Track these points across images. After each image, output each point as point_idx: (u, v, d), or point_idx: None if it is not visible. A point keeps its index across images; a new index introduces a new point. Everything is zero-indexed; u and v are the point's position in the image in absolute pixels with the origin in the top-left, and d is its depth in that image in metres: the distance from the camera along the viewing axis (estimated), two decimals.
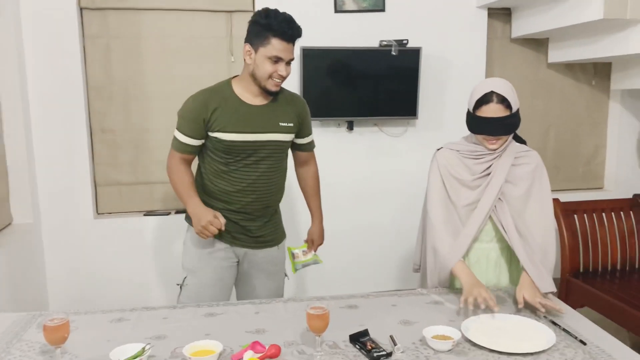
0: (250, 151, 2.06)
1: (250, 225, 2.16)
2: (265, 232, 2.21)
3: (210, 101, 2.02)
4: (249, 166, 2.08)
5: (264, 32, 1.94)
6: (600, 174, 4.12)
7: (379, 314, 1.82)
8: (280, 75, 1.99)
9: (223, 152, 2.05)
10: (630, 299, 2.82)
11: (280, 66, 1.97)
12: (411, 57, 3.47)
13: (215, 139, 2.03)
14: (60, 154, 3.28)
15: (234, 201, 2.11)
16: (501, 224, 1.94)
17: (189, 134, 2.04)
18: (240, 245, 2.18)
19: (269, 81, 1.99)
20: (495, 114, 1.84)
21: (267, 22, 1.93)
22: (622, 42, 3.07)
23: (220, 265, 2.16)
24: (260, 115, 2.06)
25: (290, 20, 1.96)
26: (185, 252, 2.22)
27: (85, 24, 3.29)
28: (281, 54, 1.95)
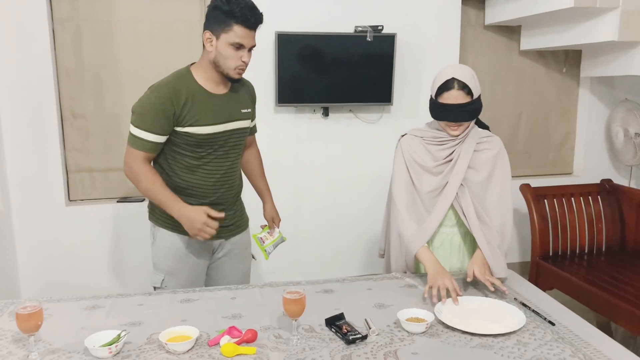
0: (221, 142, 2.02)
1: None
2: (235, 219, 2.20)
3: (178, 94, 1.92)
4: (220, 157, 2.04)
5: (226, 18, 1.88)
6: (570, 160, 4.21)
7: (354, 298, 1.84)
8: (244, 62, 1.94)
9: (195, 146, 1.97)
10: (596, 281, 2.91)
11: (243, 53, 1.92)
12: (386, 43, 3.48)
13: (185, 133, 1.94)
14: (30, 140, 3.22)
15: (207, 194, 2.05)
16: (462, 209, 1.98)
17: (156, 130, 1.91)
18: (215, 238, 2.09)
19: (233, 71, 1.95)
20: (457, 100, 1.87)
21: (229, 8, 1.87)
22: (592, 30, 3.13)
23: (197, 263, 2.12)
24: (225, 104, 2.02)
25: (252, 6, 1.91)
26: (157, 252, 2.12)
27: (55, 7, 3.21)
28: (243, 40, 1.90)
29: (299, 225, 3.69)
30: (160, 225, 2.09)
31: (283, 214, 2.48)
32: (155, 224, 2.11)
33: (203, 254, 2.14)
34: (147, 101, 1.92)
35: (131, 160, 1.94)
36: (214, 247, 2.17)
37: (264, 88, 3.44)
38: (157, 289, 2.10)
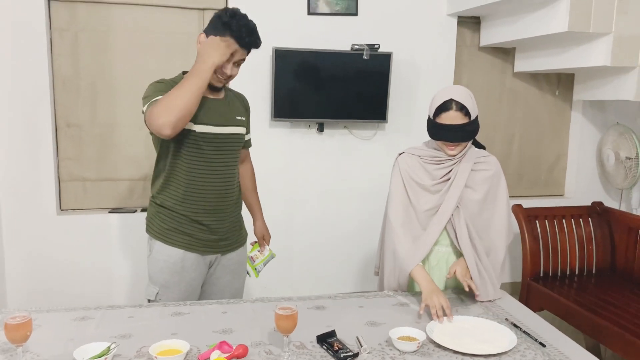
0: (218, 144, 2.01)
1: (218, 227, 2.10)
2: (232, 233, 2.19)
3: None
4: (219, 162, 2.04)
5: (222, 28, 1.89)
6: (561, 182, 4.24)
7: (346, 315, 1.84)
8: (224, 73, 1.94)
9: (194, 146, 1.96)
10: (586, 303, 2.92)
11: (227, 64, 1.93)
12: (382, 61, 3.51)
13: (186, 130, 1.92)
14: (23, 148, 3.20)
15: (209, 199, 2.04)
16: (454, 229, 1.99)
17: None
18: (211, 252, 2.12)
19: (214, 76, 1.92)
20: (454, 121, 1.89)
21: (228, 21, 1.89)
22: (585, 54, 3.18)
23: (192, 277, 2.09)
24: (220, 108, 2.04)
25: (252, 29, 1.93)
26: (152, 264, 2.10)
27: (53, 15, 3.22)
28: (233, 56, 1.92)
29: (291, 241, 3.68)
30: (157, 238, 2.07)
31: (275, 229, 2.48)
32: (152, 236, 2.09)
33: (199, 268, 2.11)
34: (156, 83, 1.94)
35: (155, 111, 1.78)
36: (210, 262, 2.15)
37: (260, 102, 3.45)
38: (151, 301, 2.08)
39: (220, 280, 2.20)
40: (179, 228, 2.04)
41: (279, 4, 3.44)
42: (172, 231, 2.05)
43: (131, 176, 3.44)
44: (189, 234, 2.05)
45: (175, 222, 2.04)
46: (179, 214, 2.03)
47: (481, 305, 1.96)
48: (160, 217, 2.07)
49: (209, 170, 2.02)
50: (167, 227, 2.05)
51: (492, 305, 1.96)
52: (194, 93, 1.81)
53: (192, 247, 2.06)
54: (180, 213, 2.03)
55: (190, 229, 2.04)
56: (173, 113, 1.76)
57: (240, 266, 2.27)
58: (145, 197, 3.49)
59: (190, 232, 2.05)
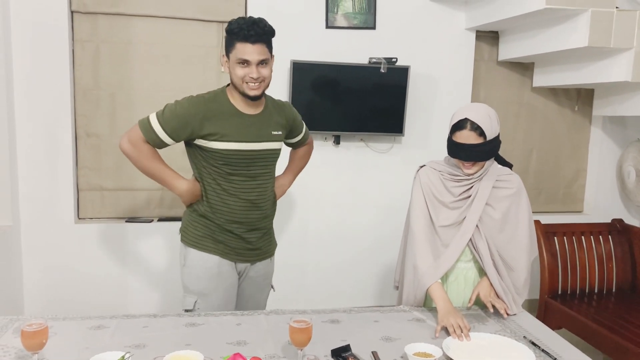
0: (248, 161, 2.04)
1: (251, 237, 2.12)
2: (263, 243, 2.20)
3: (207, 111, 1.99)
4: (249, 178, 2.06)
5: (230, 38, 1.96)
6: (580, 198, 4.18)
7: (361, 329, 1.82)
8: (252, 78, 1.94)
9: (223, 163, 2.01)
10: (606, 322, 2.86)
11: (250, 69, 1.94)
12: (399, 75, 3.51)
13: (212, 149, 1.99)
14: (44, 157, 3.24)
15: (237, 215, 2.07)
16: (475, 247, 1.97)
17: (169, 130, 1.98)
18: (242, 261, 2.14)
19: (244, 85, 1.96)
20: (468, 140, 1.88)
21: (230, 27, 1.94)
22: (606, 69, 3.15)
23: (229, 284, 2.11)
24: (254, 124, 2.05)
25: (254, 21, 1.92)
26: (188, 274, 2.12)
27: (76, 27, 3.27)
28: (247, 56, 1.93)
29: (306, 253, 3.67)
30: (191, 245, 2.10)
31: (291, 241, 2.48)
32: (186, 244, 2.12)
33: (233, 275, 2.13)
34: (178, 104, 2.01)
35: (135, 138, 2.00)
36: (240, 271, 2.16)
37: None
38: (189, 311, 2.07)
39: (244, 291, 2.21)
40: (212, 235, 2.09)
41: (297, 18, 3.46)
42: (207, 238, 2.09)
43: (148, 186, 3.47)
44: (222, 241, 2.09)
45: (209, 229, 2.09)
46: (212, 222, 2.08)
47: (499, 322, 1.92)
48: (194, 225, 2.11)
49: (239, 183, 2.05)
50: (201, 234, 2.09)
51: (510, 322, 1.93)
52: (150, 176, 2.07)
53: (226, 255, 2.09)
54: (213, 222, 2.08)
55: (223, 237, 2.09)
56: (129, 157, 2.03)
57: (265, 279, 2.27)
58: (161, 207, 3.51)
59: (223, 239, 2.09)
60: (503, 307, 1.92)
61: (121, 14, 3.30)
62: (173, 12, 3.35)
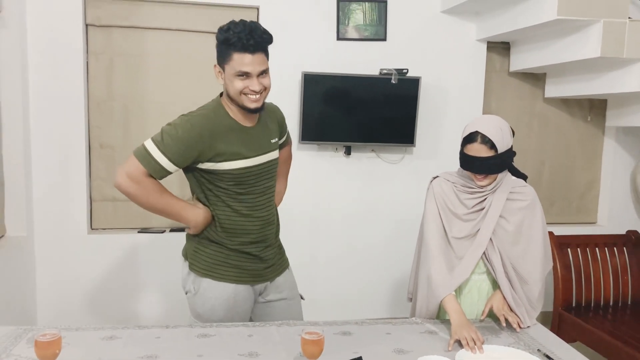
0: (256, 176, 1.93)
1: (267, 254, 2.03)
2: (277, 259, 2.11)
3: (212, 131, 1.82)
4: (258, 194, 1.96)
5: (225, 48, 1.78)
6: (594, 209, 4.14)
7: (373, 341, 1.81)
8: (253, 91, 1.80)
9: (234, 184, 1.88)
10: (622, 335, 2.82)
11: (251, 81, 1.79)
12: (410, 86, 3.51)
13: (224, 171, 1.85)
14: (57, 168, 3.28)
15: (252, 233, 1.96)
16: (488, 259, 1.96)
17: (173, 157, 1.78)
18: (260, 281, 2.03)
19: (243, 97, 1.81)
20: (479, 153, 1.87)
21: (225, 36, 1.76)
22: (619, 80, 3.13)
23: (244, 310, 2.01)
24: (255, 136, 1.93)
25: (251, 28, 1.75)
26: (201, 304, 1.97)
27: (90, 40, 3.32)
28: (246, 67, 1.77)
29: (317, 263, 3.66)
30: (204, 275, 1.96)
31: (301, 251, 2.46)
32: (198, 274, 1.97)
33: (250, 299, 2.02)
34: (178, 127, 1.80)
35: (135, 172, 1.77)
36: (259, 291, 2.06)
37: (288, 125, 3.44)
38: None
39: (275, 309, 2.10)
40: (226, 261, 1.96)
41: (308, 30, 3.49)
42: (220, 265, 1.96)
43: None
44: (237, 265, 1.97)
45: (222, 255, 1.96)
46: (225, 247, 1.95)
47: (512, 334, 1.90)
48: (205, 253, 1.97)
49: (250, 201, 1.94)
50: (214, 261, 1.96)
51: (524, 335, 1.91)
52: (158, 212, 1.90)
53: (242, 279, 1.98)
54: (227, 247, 1.95)
55: (237, 261, 1.97)
56: (132, 197, 1.82)
57: (291, 290, 2.16)
58: None
59: (239, 263, 1.97)
60: (516, 320, 1.90)
61: (135, 27, 3.34)
62: (185, 25, 3.39)
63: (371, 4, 3.53)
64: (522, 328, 1.92)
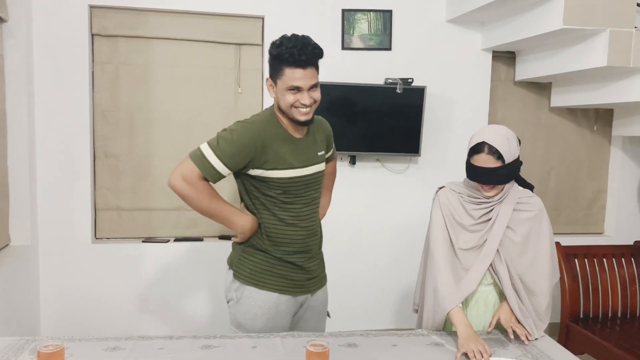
0: (304, 186, 1.97)
1: (311, 265, 2.06)
2: (319, 269, 2.12)
3: (264, 138, 1.87)
4: (305, 204, 2.00)
5: (277, 63, 1.85)
6: (601, 219, 4.11)
7: (379, 353, 1.79)
8: (304, 104, 1.85)
9: (282, 193, 1.92)
10: (631, 347, 2.78)
11: (302, 95, 1.84)
12: (416, 95, 3.51)
13: (270, 178, 1.89)
14: (62, 177, 3.28)
15: (297, 243, 1.99)
16: (495, 270, 1.94)
17: (227, 161, 1.84)
18: (303, 293, 2.05)
19: (294, 110, 1.87)
20: (486, 164, 1.85)
21: (277, 51, 1.83)
22: (625, 89, 3.11)
23: (285, 321, 2.02)
24: (304, 147, 1.98)
25: (303, 43, 1.82)
26: (243, 312, 1.98)
27: (96, 50, 3.33)
28: (298, 82, 1.83)
29: None
30: (249, 283, 1.98)
31: None
32: (243, 282, 1.99)
33: (291, 311, 2.04)
34: (234, 132, 1.86)
35: (190, 175, 1.84)
36: (301, 303, 2.07)
37: None
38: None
39: (307, 323, 2.12)
40: (271, 270, 1.98)
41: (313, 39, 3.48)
42: (265, 274, 1.98)
43: (165, 206, 3.48)
44: (283, 275, 1.98)
45: (268, 263, 1.98)
46: (271, 255, 1.98)
47: (520, 347, 1.88)
48: (250, 261, 1.99)
49: (295, 210, 1.97)
50: (258, 269, 1.98)
51: (531, 347, 1.88)
52: (208, 215, 1.94)
53: (285, 290, 1.99)
54: (272, 255, 1.97)
55: (283, 271, 1.98)
56: (185, 198, 1.88)
57: (324, 307, 2.19)
58: (178, 227, 3.52)
59: (283, 273, 1.99)
60: (524, 332, 1.88)
61: (140, 37, 3.35)
62: (191, 35, 3.40)
63: (376, 14, 3.54)
64: (530, 340, 1.89)
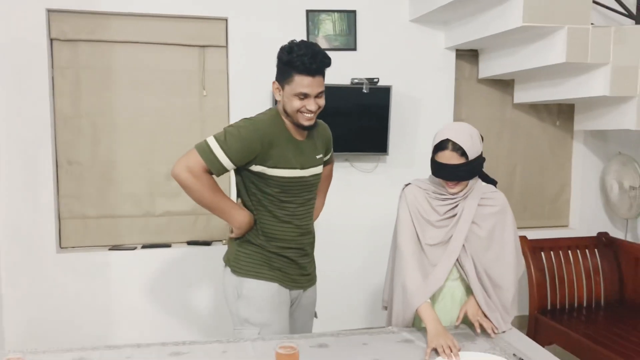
0: (300, 187, 2.02)
1: (304, 262, 2.11)
2: (312, 268, 2.19)
3: (270, 136, 1.92)
4: (301, 204, 2.05)
5: (287, 69, 1.89)
6: (566, 212, 4.20)
7: (350, 353, 1.79)
8: (310, 110, 1.91)
9: (280, 191, 1.98)
10: (596, 336, 2.85)
11: (308, 101, 1.90)
12: (382, 95, 3.53)
13: (271, 176, 1.95)
14: (24, 186, 3.19)
15: (293, 242, 2.05)
16: (461, 265, 1.96)
17: (233, 156, 1.89)
18: (297, 287, 2.11)
19: (299, 115, 1.93)
20: (450, 160, 1.88)
21: (288, 58, 1.87)
22: (584, 84, 3.19)
23: (286, 312, 2.07)
24: (305, 150, 2.03)
25: (314, 52, 1.87)
26: (246, 306, 2.02)
27: (55, 54, 3.25)
28: (306, 89, 1.88)
29: None
30: (248, 275, 2.02)
31: None
32: (242, 275, 2.03)
33: (289, 304, 2.09)
34: (241, 128, 1.91)
35: (195, 167, 1.87)
36: (292, 299, 2.12)
37: None
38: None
39: (297, 320, 2.17)
40: (269, 263, 2.03)
41: (278, 42, 3.42)
42: (263, 266, 2.03)
43: (131, 213, 3.43)
44: (279, 268, 2.04)
45: (264, 257, 2.03)
46: (267, 250, 2.03)
47: (488, 340, 1.90)
48: (248, 255, 2.04)
49: (291, 209, 2.02)
50: (257, 262, 2.03)
51: (499, 340, 1.91)
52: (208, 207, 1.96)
53: (283, 282, 2.05)
54: (268, 250, 2.03)
55: (279, 264, 2.04)
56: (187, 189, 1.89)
57: (313, 306, 2.25)
58: (145, 234, 3.46)
59: (279, 266, 2.04)
60: (490, 326, 1.91)
61: (101, 41, 3.29)
62: (153, 38, 3.35)
63: (340, 14, 3.55)
64: (496, 333, 1.92)
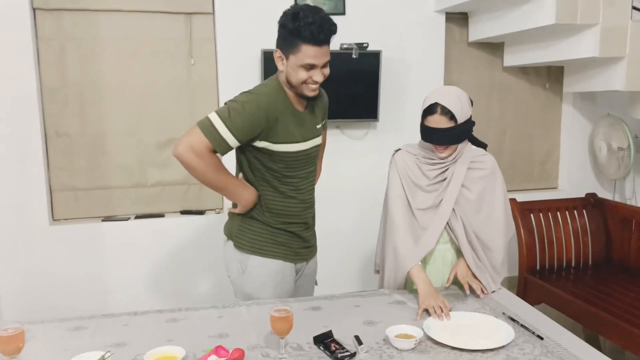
0: (305, 160, 1.97)
1: (307, 234, 2.10)
2: (314, 239, 2.18)
3: (274, 111, 1.84)
4: (304, 177, 2.01)
5: (293, 38, 1.77)
6: (555, 174, 4.25)
7: (342, 315, 1.82)
8: (316, 82, 1.84)
9: (284, 166, 1.91)
10: (584, 294, 2.92)
11: (315, 72, 1.82)
12: (371, 60, 3.50)
13: (276, 152, 1.87)
14: (13, 159, 3.17)
15: (299, 216, 2.02)
16: (451, 228, 1.99)
17: (237, 134, 1.79)
18: (301, 260, 2.09)
19: (304, 86, 1.85)
20: (439, 124, 1.88)
21: (294, 26, 1.75)
22: (574, 46, 3.18)
23: (291, 287, 2.06)
24: (305, 121, 1.96)
25: (321, 21, 1.75)
26: (250, 282, 1.99)
27: (39, 25, 3.19)
28: (314, 60, 1.79)
29: None
30: (253, 252, 1.98)
31: None
32: (246, 251, 1.99)
33: (293, 276, 2.07)
34: (245, 104, 1.80)
35: (199, 146, 1.77)
36: (297, 270, 2.11)
37: None
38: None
39: (300, 289, 2.17)
40: (273, 238, 1.99)
41: (265, 6, 3.42)
42: (267, 242, 1.99)
43: (123, 184, 3.43)
44: (283, 243, 2.01)
45: (268, 232, 1.99)
46: (270, 226, 1.98)
47: (478, 300, 1.95)
48: (252, 230, 1.99)
49: (295, 184, 1.98)
50: (262, 239, 1.99)
51: (489, 300, 1.96)
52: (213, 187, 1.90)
53: (287, 257, 2.02)
54: (272, 226, 1.98)
55: (283, 238, 2.01)
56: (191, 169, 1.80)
57: (314, 275, 2.26)
58: (138, 204, 3.47)
59: (283, 241, 2.01)
60: (479, 286, 1.95)
61: (85, 10, 3.23)
62: (139, 6, 3.30)
63: None
64: (485, 294, 1.97)
